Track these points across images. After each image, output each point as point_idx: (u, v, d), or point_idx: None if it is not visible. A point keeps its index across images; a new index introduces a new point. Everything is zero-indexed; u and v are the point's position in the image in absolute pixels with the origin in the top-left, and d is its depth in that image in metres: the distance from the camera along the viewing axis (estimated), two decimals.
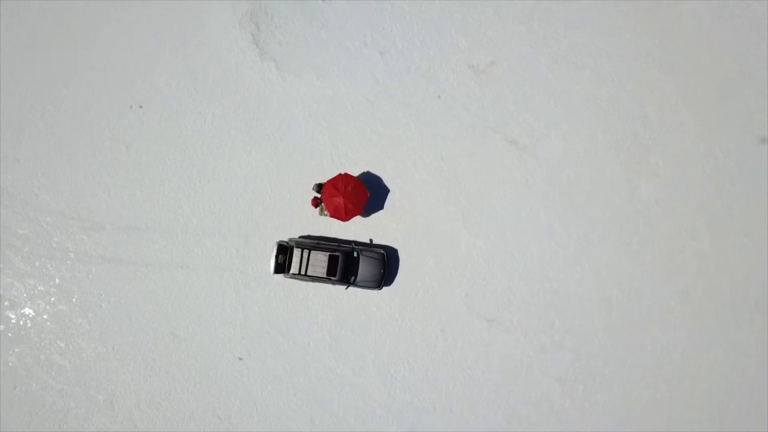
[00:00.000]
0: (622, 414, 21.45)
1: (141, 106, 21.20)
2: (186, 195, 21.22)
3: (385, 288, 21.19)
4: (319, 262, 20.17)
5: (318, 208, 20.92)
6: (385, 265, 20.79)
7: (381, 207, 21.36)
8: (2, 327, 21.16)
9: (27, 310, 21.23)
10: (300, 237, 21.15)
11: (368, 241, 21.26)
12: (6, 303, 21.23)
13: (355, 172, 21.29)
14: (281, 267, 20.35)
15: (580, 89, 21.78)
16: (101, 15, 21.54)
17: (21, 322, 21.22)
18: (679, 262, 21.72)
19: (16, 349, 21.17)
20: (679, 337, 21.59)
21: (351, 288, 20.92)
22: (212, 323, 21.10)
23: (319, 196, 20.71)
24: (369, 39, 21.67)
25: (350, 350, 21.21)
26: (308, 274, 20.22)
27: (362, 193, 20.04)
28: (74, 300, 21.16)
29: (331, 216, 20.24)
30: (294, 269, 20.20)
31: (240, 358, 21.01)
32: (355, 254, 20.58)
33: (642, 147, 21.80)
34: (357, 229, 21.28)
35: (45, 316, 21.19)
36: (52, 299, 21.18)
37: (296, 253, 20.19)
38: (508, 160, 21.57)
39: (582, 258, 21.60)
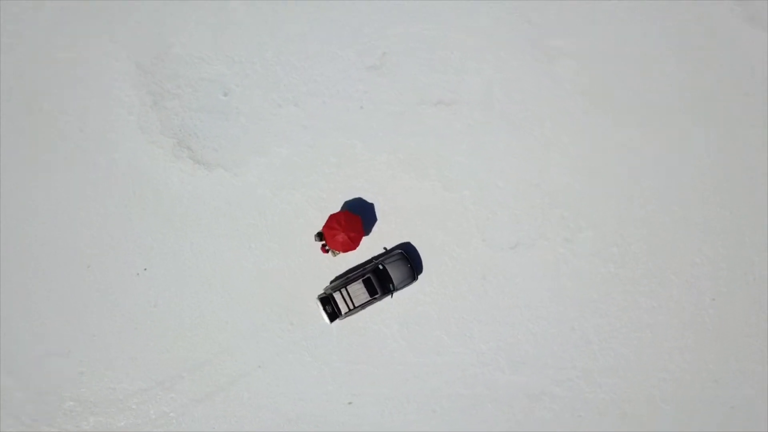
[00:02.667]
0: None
1: (145, 269, 23.39)
2: (224, 311, 23.47)
3: (419, 276, 23.66)
4: (359, 291, 22.60)
5: (329, 253, 23.32)
6: (409, 260, 23.22)
7: (375, 218, 23.77)
8: None
9: None
10: (330, 282, 23.52)
11: (384, 250, 23.67)
12: None
13: (337, 207, 23.66)
14: (333, 314, 22.75)
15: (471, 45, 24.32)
16: (102, 215, 23.71)
17: None
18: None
19: None
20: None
21: (396, 295, 23.34)
22: (310, 391, 23.45)
23: (323, 242, 23.09)
24: (279, 100, 23.92)
25: (425, 340, 23.63)
26: (356, 306, 22.66)
27: (355, 220, 22.41)
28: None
29: (344, 252, 22.63)
30: (344, 309, 22.63)
31: (349, 403, 23.43)
32: (381, 267, 22.99)
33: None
34: (369, 248, 23.66)
35: None
36: None
37: (337, 296, 22.61)
38: (444, 120, 24.08)
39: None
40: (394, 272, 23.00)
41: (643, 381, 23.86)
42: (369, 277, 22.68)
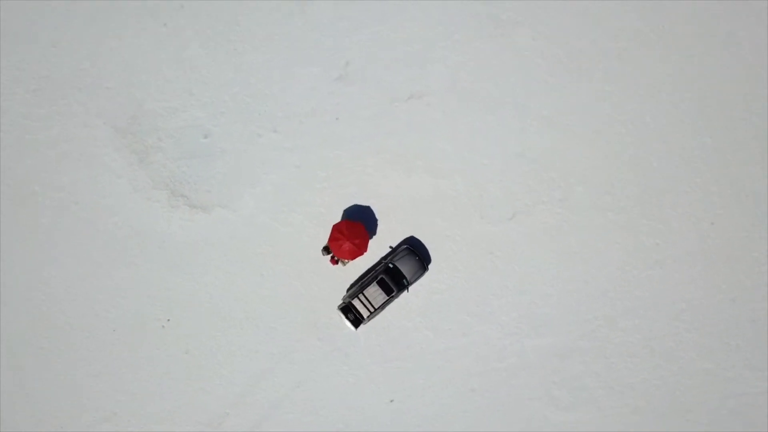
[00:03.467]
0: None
1: (168, 319, 24.10)
2: (252, 341, 24.13)
3: (429, 266, 24.36)
4: (376, 293, 23.33)
5: (339, 263, 24.03)
6: (416, 253, 23.94)
7: (375, 221, 24.48)
8: None
9: None
10: (347, 291, 24.24)
11: (390, 249, 24.38)
12: None
13: (337, 218, 24.35)
14: (357, 321, 23.49)
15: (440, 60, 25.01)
16: (116, 280, 24.39)
17: None
18: None
19: None
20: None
21: (411, 288, 24.04)
22: (351, 398, 24.16)
23: (331, 254, 23.79)
24: (258, 130, 24.59)
25: (449, 325, 24.30)
26: (376, 307, 23.39)
27: (356, 227, 23.09)
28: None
29: (352, 259, 23.33)
30: (365, 314, 23.37)
31: (391, 400, 24.15)
32: (391, 266, 23.69)
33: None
34: (375, 250, 24.30)
35: None
36: None
37: (356, 303, 23.34)
38: (418, 112, 24.81)
39: None
40: (405, 267, 23.70)
41: (663, 316, 24.61)
42: (382, 278, 23.40)
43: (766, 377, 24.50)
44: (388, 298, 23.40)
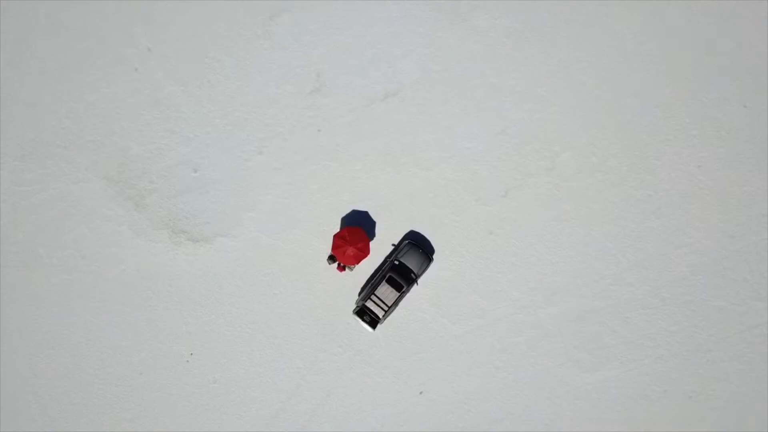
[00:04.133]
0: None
1: (192, 353, 24.60)
2: (277, 360, 24.64)
3: (434, 256, 24.87)
4: (387, 292, 23.81)
5: (346, 269, 24.54)
6: (419, 245, 24.45)
7: (373, 222, 24.98)
8: None
9: None
10: (359, 295, 24.74)
11: (393, 247, 24.88)
12: None
13: (337, 226, 24.87)
14: (373, 322, 23.97)
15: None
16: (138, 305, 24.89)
17: None
18: None
19: None
20: None
21: (420, 280, 24.52)
22: (381, 397, 24.69)
23: (337, 262, 24.31)
24: (244, 155, 25.10)
25: (462, 310, 24.82)
26: (390, 306, 23.89)
27: (356, 231, 23.57)
28: None
29: (358, 263, 23.84)
30: (380, 314, 23.87)
31: (420, 392, 24.66)
32: (397, 262, 24.19)
33: None
34: (379, 250, 24.82)
35: None
36: None
37: (369, 304, 23.83)
38: (396, 109, 25.36)
39: None
40: (411, 262, 24.20)
41: (668, 264, 25.14)
42: (391, 276, 23.88)
43: None
44: (399, 294, 23.89)
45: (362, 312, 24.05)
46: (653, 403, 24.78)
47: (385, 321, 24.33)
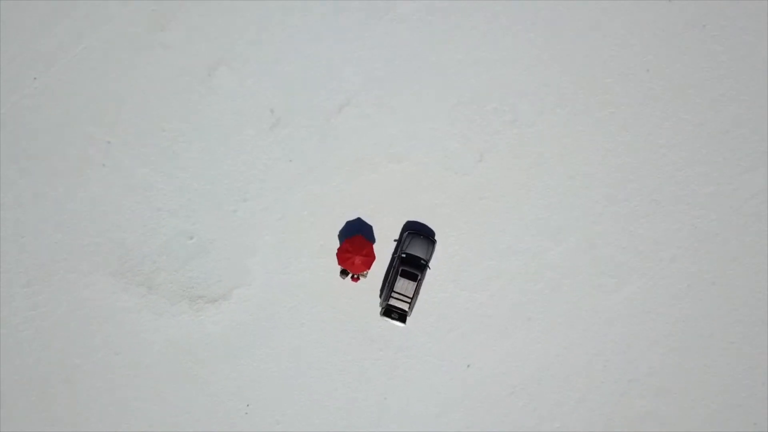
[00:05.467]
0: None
1: (248, 404, 25.43)
2: (326, 381, 25.48)
3: (436, 238, 25.85)
4: (404, 285, 24.67)
5: (360, 278, 25.47)
6: (419, 233, 25.43)
7: (369, 227, 25.89)
8: None
9: None
10: (380, 297, 25.66)
11: (395, 241, 25.84)
12: None
13: (336, 243, 25.79)
14: (402, 317, 24.88)
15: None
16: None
17: None
18: None
19: None
20: None
21: (431, 264, 25.48)
22: (436, 381, 25.57)
23: (349, 274, 25.32)
24: (230, 206, 26.01)
25: (479, 277, 25.75)
26: (411, 297, 24.78)
27: (357, 240, 24.46)
28: None
29: (368, 269, 24.78)
30: (406, 308, 24.78)
31: (468, 366, 25.57)
32: (404, 255, 25.08)
33: None
34: (383, 251, 25.80)
35: None
36: None
37: (393, 302, 24.68)
38: (355, 117, 26.32)
39: None
40: (417, 250, 25.10)
41: (650, 169, 26.22)
42: (403, 270, 24.77)
43: None
44: (416, 283, 24.77)
45: (389, 311, 24.93)
46: (681, 300, 25.76)
47: (413, 312, 25.23)
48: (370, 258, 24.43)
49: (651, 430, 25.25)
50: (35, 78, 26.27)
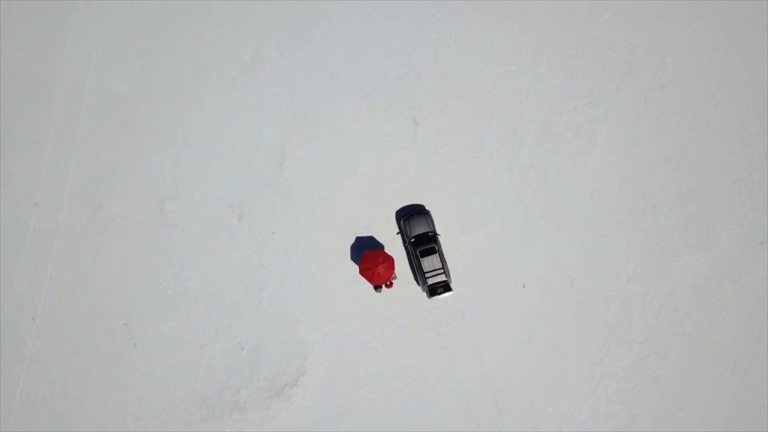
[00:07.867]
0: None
1: None
2: (405, 393, 27.04)
3: (429, 209, 27.53)
4: (430, 261, 26.33)
5: (393, 282, 27.07)
6: (411, 214, 27.09)
7: (370, 237, 27.51)
8: None
9: None
10: (419, 285, 27.16)
11: (398, 233, 27.44)
12: None
13: (354, 267, 27.30)
14: (446, 287, 26.50)
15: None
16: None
17: None
18: None
19: None
20: None
21: (439, 230, 27.20)
22: (503, 328, 27.06)
23: (381, 285, 26.90)
24: (255, 300, 27.41)
25: (479, 216, 27.44)
26: (441, 267, 26.37)
27: (372, 253, 25.97)
28: None
29: (394, 270, 26.09)
30: (443, 278, 26.39)
31: (524, 286, 27.09)
32: (413, 239, 26.67)
33: None
34: (395, 249, 27.43)
35: None
36: None
37: (431, 281, 26.31)
38: (323, 142, 28.07)
39: None
40: (419, 228, 26.74)
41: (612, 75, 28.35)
42: (421, 250, 26.37)
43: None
44: (437, 254, 26.37)
45: (433, 291, 26.48)
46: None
47: (451, 276, 26.75)
48: (388, 261, 25.88)
49: (656, 430, 26.74)
50: (33, 318, 27.63)
